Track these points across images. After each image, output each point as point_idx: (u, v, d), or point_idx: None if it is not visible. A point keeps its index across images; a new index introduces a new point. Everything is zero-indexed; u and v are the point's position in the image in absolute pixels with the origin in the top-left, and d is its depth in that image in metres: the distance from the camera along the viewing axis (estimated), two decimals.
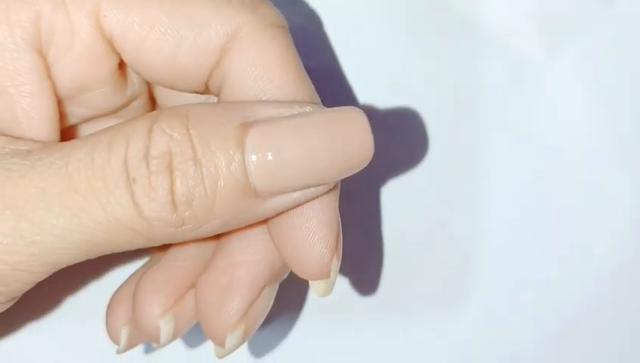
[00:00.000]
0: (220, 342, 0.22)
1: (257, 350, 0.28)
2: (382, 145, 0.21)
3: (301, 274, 0.21)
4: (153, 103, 0.24)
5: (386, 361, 0.28)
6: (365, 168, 0.20)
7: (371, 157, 0.20)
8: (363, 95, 0.28)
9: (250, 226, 0.22)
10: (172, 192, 0.19)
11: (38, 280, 0.20)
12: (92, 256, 0.20)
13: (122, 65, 0.22)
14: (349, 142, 0.19)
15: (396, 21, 0.28)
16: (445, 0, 0.27)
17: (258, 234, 0.22)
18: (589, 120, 0.28)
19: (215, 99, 0.23)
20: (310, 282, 0.21)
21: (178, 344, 0.28)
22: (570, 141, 0.28)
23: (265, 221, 0.21)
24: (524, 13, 0.28)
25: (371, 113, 0.27)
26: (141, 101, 0.24)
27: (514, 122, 0.28)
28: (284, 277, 0.23)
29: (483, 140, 0.28)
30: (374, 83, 0.28)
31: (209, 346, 0.22)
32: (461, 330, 0.28)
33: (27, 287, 0.20)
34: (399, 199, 0.28)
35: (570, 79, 0.28)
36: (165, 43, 0.21)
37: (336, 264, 0.21)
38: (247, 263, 0.22)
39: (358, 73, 0.28)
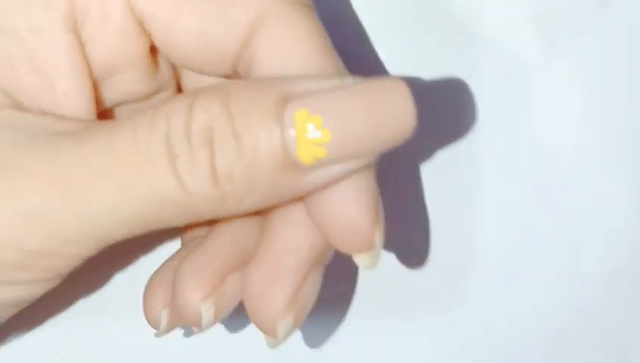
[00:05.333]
0: (271, 332, 0.22)
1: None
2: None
3: (344, 248, 0.21)
4: None
5: (386, 361, 0.28)
6: None
7: (413, 128, 0.20)
8: None
9: (289, 211, 0.22)
10: (213, 167, 0.19)
11: (86, 255, 0.20)
12: (138, 232, 0.20)
13: (152, 50, 0.22)
14: (391, 113, 0.19)
15: (394, 21, 0.28)
16: (444, 0, 0.28)
17: (298, 219, 0.22)
18: (587, 120, 0.28)
19: None
20: (355, 257, 0.21)
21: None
22: (568, 142, 0.28)
23: (302, 200, 0.21)
24: (522, 14, 0.28)
25: None
26: (169, 93, 0.24)
27: (511, 122, 0.28)
28: (329, 259, 0.23)
29: (481, 140, 0.28)
30: None
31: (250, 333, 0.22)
32: (461, 330, 0.28)
33: (75, 263, 0.20)
34: (397, 199, 0.28)
35: (568, 79, 0.28)
36: (194, 23, 0.21)
37: (379, 234, 0.21)
38: (290, 249, 0.22)
39: (357, 73, 0.28)
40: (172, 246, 0.28)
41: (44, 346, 0.27)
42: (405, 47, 0.28)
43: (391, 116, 0.19)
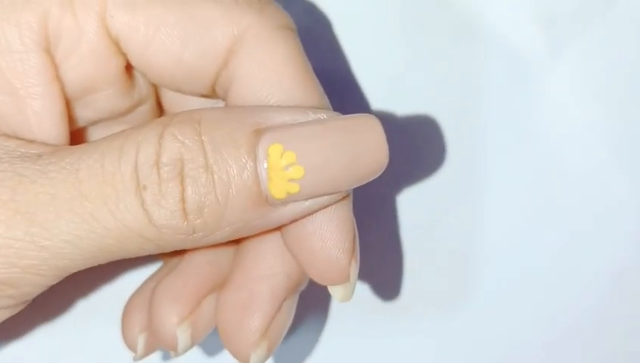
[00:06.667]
0: (245, 361, 0.22)
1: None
2: None
3: (320, 280, 0.21)
4: (160, 108, 0.24)
5: (387, 361, 0.28)
6: None
7: (385, 165, 0.19)
8: (362, 96, 0.28)
9: (266, 239, 0.22)
10: (182, 200, 0.19)
11: (49, 284, 0.20)
12: (103, 262, 0.20)
13: (128, 67, 0.22)
14: (364, 150, 0.19)
15: (396, 22, 0.27)
16: (445, 0, 0.27)
17: (274, 247, 0.22)
18: (590, 120, 0.28)
19: (222, 103, 0.22)
20: (330, 288, 0.21)
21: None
22: (571, 141, 0.28)
23: (279, 229, 0.21)
24: (525, 13, 0.27)
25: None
26: (148, 106, 0.23)
27: (514, 122, 0.28)
28: (304, 287, 0.23)
29: (483, 140, 0.28)
30: (372, 84, 0.27)
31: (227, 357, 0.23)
32: (461, 330, 0.28)
33: (38, 291, 0.20)
34: (398, 198, 0.28)
35: (571, 79, 0.27)
36: (171, 44, 0.20)
37: (354, 267, 0.21)
38: (265, 277, 0.22)
39: (357, 74, 0.27)
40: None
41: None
42: (408, 47, 0.28)
43: (364, 153, 0.19)
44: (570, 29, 0.27)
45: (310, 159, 0.19)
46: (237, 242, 0.23)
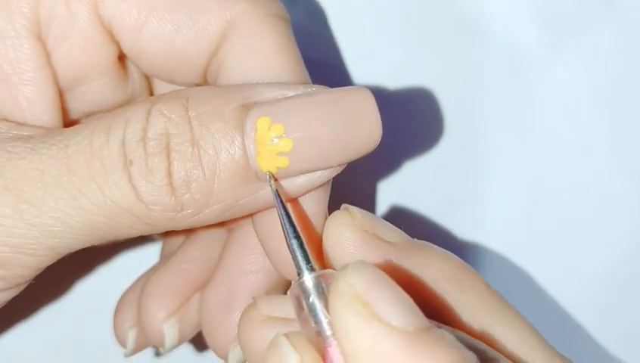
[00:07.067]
0: (223, 357, 0.21)
1: None
2: (382, 143, 0.20)
3: (286, 274, 0.20)
4: None
5: None
6: (364, 165, 0.19)
7: (379, 139, 0.19)
8: None
9: (249, 235, 0.21)
10: (169, 174, 0.18)
11: (41, 265, 0.19)
12: (94, 243, 0.19)
13: (122, 58, 0.22)
14: (355, 121, 0.19)
15: (397, 21, 0.27)
16: (445, 0, 0.27)
17: (256, 244, 0.21)
18: (590, 120, 0.27)
19: None
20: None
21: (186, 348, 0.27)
22: (571, 141, 0.27)
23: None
24: (525, 13, 0.27)
25: None
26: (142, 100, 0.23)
27: (514, 121, 0.27)
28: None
29: (483, 139, 0.27)
30: (373, 82, 0.27)
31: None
32: None
33: (31, 273, 0.19)
34: (398, 197, 0.28)
35: (571, 78, 0.27)
36: (163, 29, 0.20)
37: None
38: (245, 274, 0.22)
39: (358, 73, 0.27)
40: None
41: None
42: (409, 46, 0.28)
43: (356, 124, 0.19)
44: (570, 29, 0.27)
45: (298, 131, 0.18)
46: (229, 228, 0.22)
